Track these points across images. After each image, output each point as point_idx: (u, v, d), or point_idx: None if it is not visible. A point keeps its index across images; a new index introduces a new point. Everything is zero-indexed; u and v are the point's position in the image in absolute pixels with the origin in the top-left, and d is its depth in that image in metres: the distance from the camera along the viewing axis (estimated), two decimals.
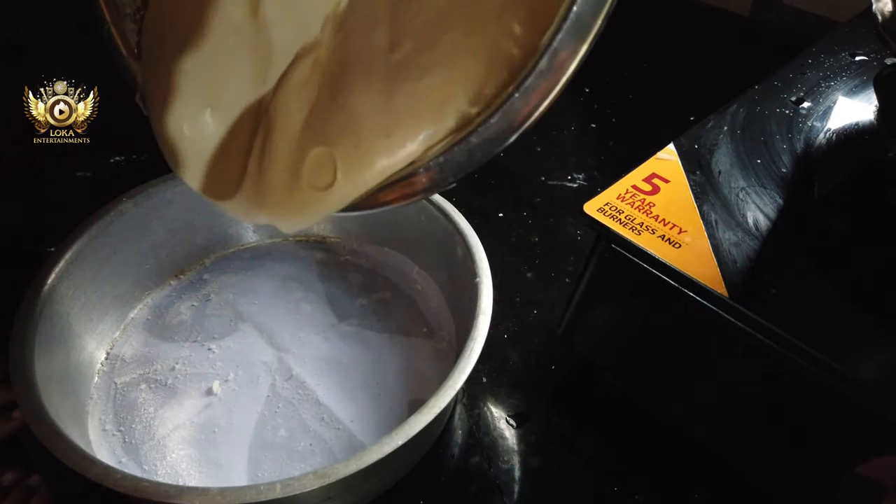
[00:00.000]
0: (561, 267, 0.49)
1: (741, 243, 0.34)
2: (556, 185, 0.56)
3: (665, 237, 0.34)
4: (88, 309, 0.40)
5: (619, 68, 0.72)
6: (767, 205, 0.36)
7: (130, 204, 0.42)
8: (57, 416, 0.32)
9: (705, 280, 0.32)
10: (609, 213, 0.35)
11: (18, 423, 0.37)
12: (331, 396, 0.39)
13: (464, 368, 0.33)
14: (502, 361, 0.43)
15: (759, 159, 0.39)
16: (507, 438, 0.39)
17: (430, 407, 0.31)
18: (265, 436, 0.37)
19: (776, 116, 0.42)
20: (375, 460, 0.29)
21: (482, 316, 0.36)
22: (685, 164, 0.38)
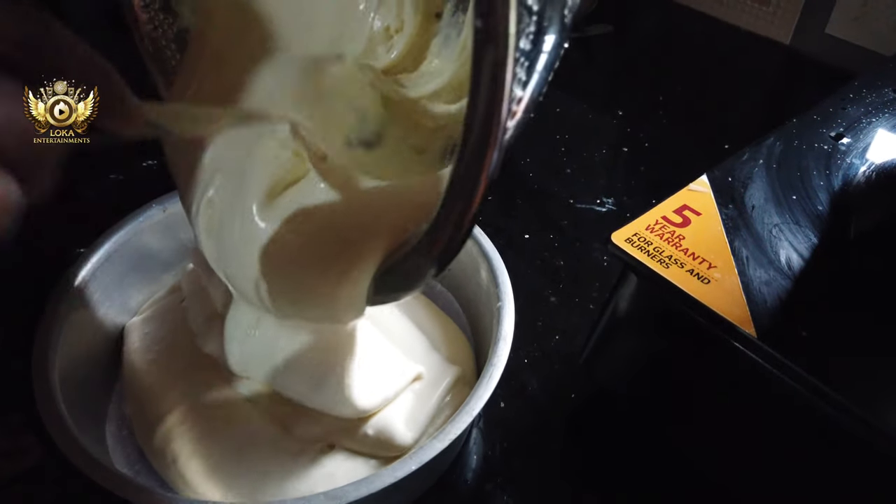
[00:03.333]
0: (585, 293, 0.48)
1: (772, 282, 0.33)
2: (584, 209, 0.56)
3: (694, 272, 0.33)
4: (114, 313, 0.41)
5: (654, 92, 0.72)
6: (801, 243, 0.35)
7: (159, 210, 0.42)
8: (75, 418, 0.32)
9: (733, 318, 0.31)
10: (637, 245, 0.35)
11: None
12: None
13: (482, 395, 0.32)
14: (521, 387, 0.42)
15: (795, 195, 0.38)
16: (522, 466, 0.38)
17: (445, 433, 0.31)
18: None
19: (814, 151, 0.41)
20: (387, 485, 0.29)
21: (502, 342, 0.35)
22: (718, 196, 0.38)
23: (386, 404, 0.35)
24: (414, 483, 0.35)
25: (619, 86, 0.75)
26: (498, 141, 0.18)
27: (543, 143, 0.63)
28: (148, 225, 0.42)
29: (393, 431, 0.34)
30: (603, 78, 0.76)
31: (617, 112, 0.68)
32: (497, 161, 0.19)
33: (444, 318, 0.43)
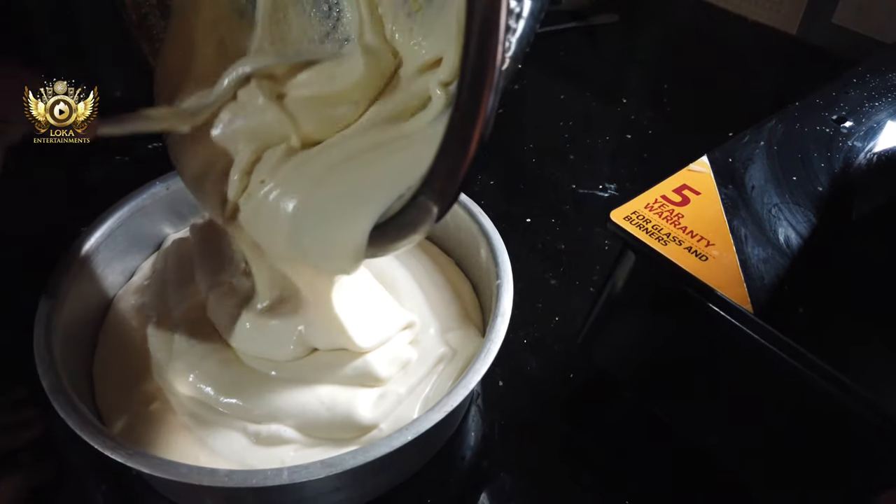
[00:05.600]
0: (586, 276, 0.48)
1: (770, 260, 0.33)
2: (586, 194, 0.56)
3: (692, 249, 0.33)
4: (116, 287, 0.41)
5: (659, 81, 0.71)
6: (801, 223, 0.35)
7: (162, 188, 0.43)
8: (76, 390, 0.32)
9: (731, 294, 0.31)
10: (636, 222, 0.35)
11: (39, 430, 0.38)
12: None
13: (479, 369, 0.33)
14: (520, 367, 0.42)
15: (795, 176, 0.38)
16: (520, 444, 0.39)
17: (442, 405, 0.31)
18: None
19: (816, 134, 0.41)
20: (384, 454, 0.29)
21: (500, 318, 0.35)
22: (717, 177, 0.38)
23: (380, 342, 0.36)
24: (411, 455, 0.35)
25: (624, 74, 0.75)
26: (496, 74, 0.18)
27: (547, 129, 0.64)
28: (151, 202, 0.42)
29: (374, 364, 0.35)
30: (608, 66, 0.76)
31: (621, 100, 0.68)
32: (493, 102, 0.19)
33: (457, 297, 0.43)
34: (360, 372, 0.36)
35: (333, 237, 0.28)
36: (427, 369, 0.37)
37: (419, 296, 0.41)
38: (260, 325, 0.36)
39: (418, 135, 0.27)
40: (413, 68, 0.30)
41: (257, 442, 0.34)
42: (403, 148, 0.27)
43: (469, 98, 0.20)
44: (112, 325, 0.40)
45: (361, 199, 0.27)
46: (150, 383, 0.37)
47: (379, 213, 0.26)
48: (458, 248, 0.43)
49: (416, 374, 0.36)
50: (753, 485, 0.34)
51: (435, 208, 0.23)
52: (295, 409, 0.35)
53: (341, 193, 0.28)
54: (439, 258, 0.44)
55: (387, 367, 0.36)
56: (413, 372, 0.37)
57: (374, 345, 0.36)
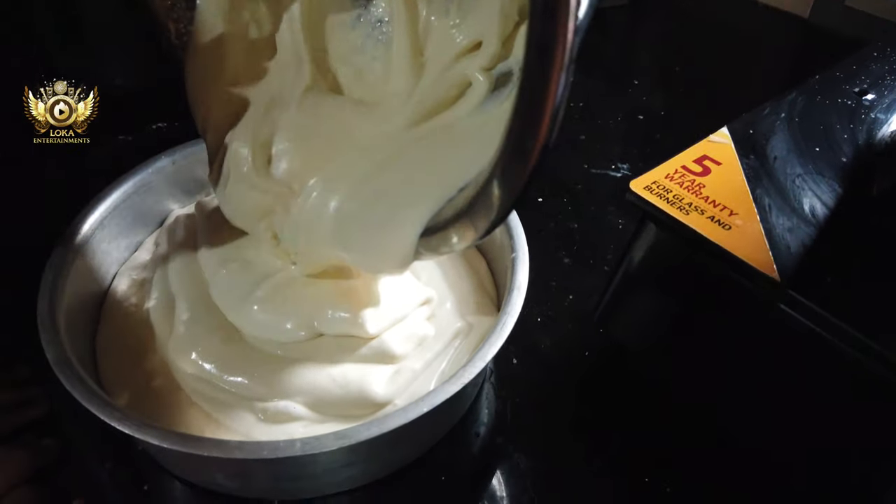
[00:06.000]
0: (600, 254, 0.47)
1: (796, 229, 0.32)
2: (599, 174, 0.55)
3: (715, 218, 0.32)
4: (120, 264, 0.40)
5: (671, 63, 0.71)
6: (826, 193, 0.34)
7: (168, 161, 0.42)
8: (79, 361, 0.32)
9: (756, 263, 0.30)
10: (656, 192, 0.34)
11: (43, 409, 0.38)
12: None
13: (495, 342, 0.32)
14: (534, 345, 0.41)
15: (818, 148, 0.37)
16: (534, 422, 0.38)
17: (458, 377, 0.30)
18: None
19: (837, 106, 0.40)
20: (399, 425, 0.28)
21: (516, 291, 0.34)
22: (739, 147, 0.37)
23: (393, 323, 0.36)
24: (425, 429, 0.34)
25: (635, 57, 0.74)
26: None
27: None
28: (156, 176, 0.41)
29: (390, 342, 0.34)
30: (618, 49, 0.75)
31: (632, 82, 0.67)
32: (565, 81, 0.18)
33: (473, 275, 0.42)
34: (376, 351, 0.35)
35: (379, 242, 0.27)
36: (443, 345, 0.36)
37: (435, 269, 0.40)
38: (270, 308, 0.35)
39: (460, 126, 0.26)
40: (449, 56, 0.29)
41: (265, 419, 0.33)
42: (447, 144, 0.26)
43: (538, 73, 0.18)
44: (114, 301, 0.39)
45: (408, 203, 0.26)
46: (152, 359, 0.36)
47: (427, 218, 0.25)
48: None
49: (433, 349, 0.35)
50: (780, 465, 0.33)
51: (494, 211, 0.22)
52: (304, 387, 0.34)
53: (387, 197, 0.27)
54: None
55: (403, 344, 0.35)
56: (429, 347, 0.36)
57: (386, 327, 0.35)
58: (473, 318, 0.37)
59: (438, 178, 0.27)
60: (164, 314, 0.37)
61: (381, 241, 0.28)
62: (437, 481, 0.35)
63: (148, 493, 0.34)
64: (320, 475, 0.32)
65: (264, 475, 0.31)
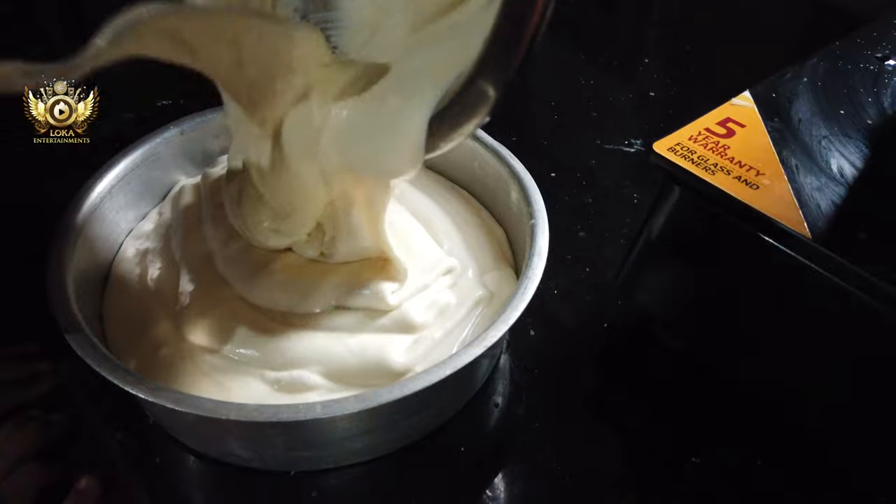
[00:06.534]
0: (615, 228, 0.47)
1: (824, 188, 0.31)
2: (612, 150, 0.54)
3: (741, 178, 0.31)
4: (127, 233, 0.39)
5: (681, 41, 0.70)
6: (853, 154, 0.33)
7: (177, 132, 0.41)
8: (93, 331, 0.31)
9: (786, 221, 0.29)
10: (681, 153, 0.33)
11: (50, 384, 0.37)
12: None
13: (517, 306, 0.31)
14: (551, 317, 0.41)
15: (843, 110, 0.36)
16: (554, 393, 0.37)
17: (481, 340, 0.29)
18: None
19: (860, 71, 0.40)
20: (422, 388, 0.27)
21: (537, 257, 0.34)
22: (762, 110, 0.36)
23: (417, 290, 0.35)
24: (446, 395, 0.33)
25: (643, 36, 0.73)
26: None
27: (567, 88, 0.62)
28: (165, 147, 0.40)
29: (412, 312, 0.34)
30: (627, 28, 0.74)
31: (643, 60, 0.66)
32: None
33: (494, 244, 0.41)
34: (396, 321, 0.34)
35: (391, 136, 0.26)
36: (465, 313, 0.35)
37: (456, 235, 0.39)
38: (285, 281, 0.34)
39: (467, 21, 0.25)
40: None
41: (279, 388, 0.32)
42: (452, 37, 0.25)
43: None
44: (118, 271, 0.38)
45: (414, 92, 0.25)
46: (157, 329, 0.34)
47: (434, 103, 0.25)
48: (485, 193, 0.42)
49: (454, 318, 0.35)
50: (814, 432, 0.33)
51: (491, 89, 0.21)
52: (320, 357, 0.33)
53: (393, 90, 0.26)
54: (471, 201, 0.42)
55: (424, 313, 0.34)
56: (450, 316, 0.35)
57: (407, 298, 0.34)
58: (494, 286, 0.36)
59: (442, 66, 0.26)
60: (168, 284, 0.36)
61: (392, 134, 0.27)
62: (457, 452, 0.34)
63: (160, 467, 0.33)
64: (338, 443, 0.31)
65: (282, 442, 0.30)
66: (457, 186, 0.43)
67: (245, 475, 0.32)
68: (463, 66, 0.23)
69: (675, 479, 0.34)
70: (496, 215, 0.41)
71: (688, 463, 0.34)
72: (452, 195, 0.42)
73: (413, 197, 0.40)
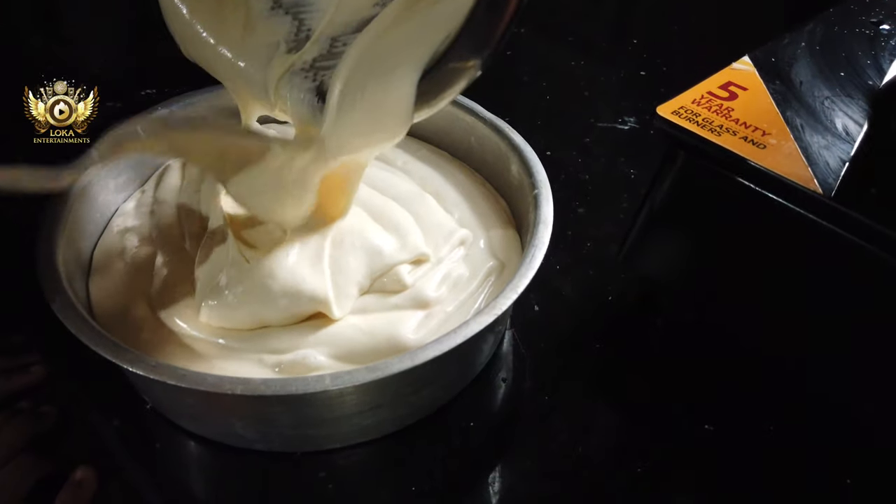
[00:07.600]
0: (614, 203, 0.46)
1: (831, 146, 0.31)
2: (606, 127, 0.53)
3: (748, 139, 0.31)
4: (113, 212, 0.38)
5: (670, 21, 0.70)
6: (857, 113, 0.33)
7: (165, 113, 0.40)
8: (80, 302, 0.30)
9: (796, 179, 0.29)
10: (685, 116, 0.32)
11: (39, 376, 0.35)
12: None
13: (525, 273, 0.30)
14: (555, 291, 0.40)
15: (843, 72, 0.36)
16: (560, 366, 0.36)
17: (491, 308, 0.29)
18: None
19: (857, 36, 0.39)
20: (430, 358, 0.27)
21: (542, 225, 0.33)
22: (763, 74, 0.36)
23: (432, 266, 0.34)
24: (455, 367, 0.32)
25: (633, 16, 0.72)
26: None
27: (559, 68, 0.61)
28: None
29: (426, 289, 0.33)
30: (613, 9, 0.74)
31: (632, 40, 0.66)
32: None
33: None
34: (410, 298, 0.33)
35: (382, 97, 0.26)
36: (477, 284, 0.34)
37: (464, 203, 0.38)
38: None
39: None
40: None
41: (280, 372, 0.31)
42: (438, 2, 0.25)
43: None
44: (102, 251, 0.36)
45: (403, 57, 0.25)
46: (137, 311, 0.33)
47: (423, 65, 0.24)
48: (484, 168, 0.41)
49: (466, 290, 0.34)
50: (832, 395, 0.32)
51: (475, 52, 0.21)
52: (325, 338, 0.31)
53: (383, 55, 0.26)
54: (474, 174, 0.41)
55: (438, 288, 0.33)
56: (463, 289, 0.34)
57: (422, 275, 0.34)
58: (504, 256, 0.35)
59: (429, 30, 0.25)
60: (146, 264, 0.35)
61: (383, 95, 0.26)
62: (466, 427, 0.33)
63: (160, 452, 0.32)
64: (346, 419, 0.30)
65: (289, 420, 0.29)
66: (458, 160, 0.42)
67: (250, 458, 0.31)
68: (449, 29, 0.23)
69: (687, 446, 0.33)
70: (501, 188, 0.40)
71: (700, 430, 0.33)
72: (455, 167, 0.41)
73: (419, 170, 0.40)
